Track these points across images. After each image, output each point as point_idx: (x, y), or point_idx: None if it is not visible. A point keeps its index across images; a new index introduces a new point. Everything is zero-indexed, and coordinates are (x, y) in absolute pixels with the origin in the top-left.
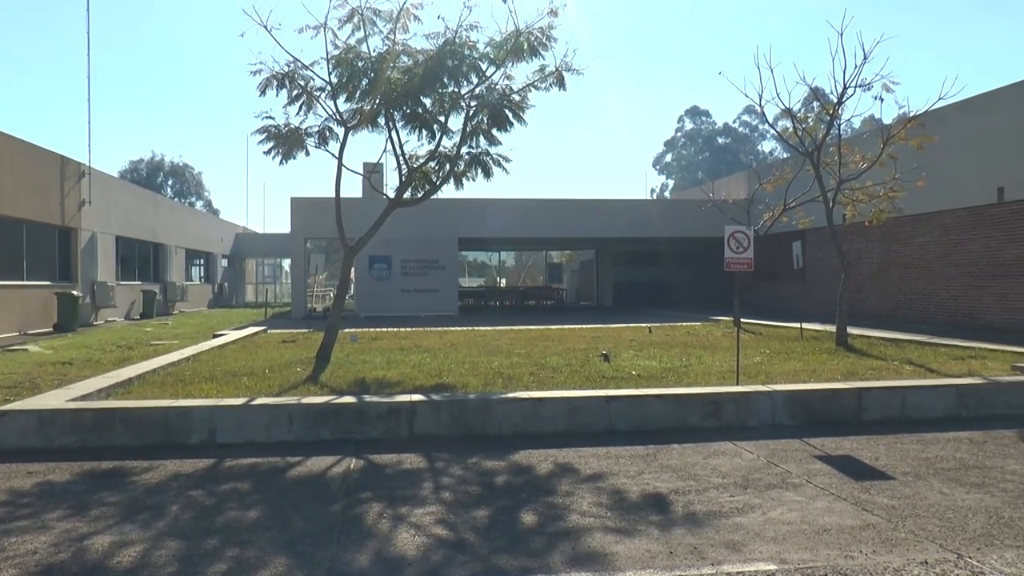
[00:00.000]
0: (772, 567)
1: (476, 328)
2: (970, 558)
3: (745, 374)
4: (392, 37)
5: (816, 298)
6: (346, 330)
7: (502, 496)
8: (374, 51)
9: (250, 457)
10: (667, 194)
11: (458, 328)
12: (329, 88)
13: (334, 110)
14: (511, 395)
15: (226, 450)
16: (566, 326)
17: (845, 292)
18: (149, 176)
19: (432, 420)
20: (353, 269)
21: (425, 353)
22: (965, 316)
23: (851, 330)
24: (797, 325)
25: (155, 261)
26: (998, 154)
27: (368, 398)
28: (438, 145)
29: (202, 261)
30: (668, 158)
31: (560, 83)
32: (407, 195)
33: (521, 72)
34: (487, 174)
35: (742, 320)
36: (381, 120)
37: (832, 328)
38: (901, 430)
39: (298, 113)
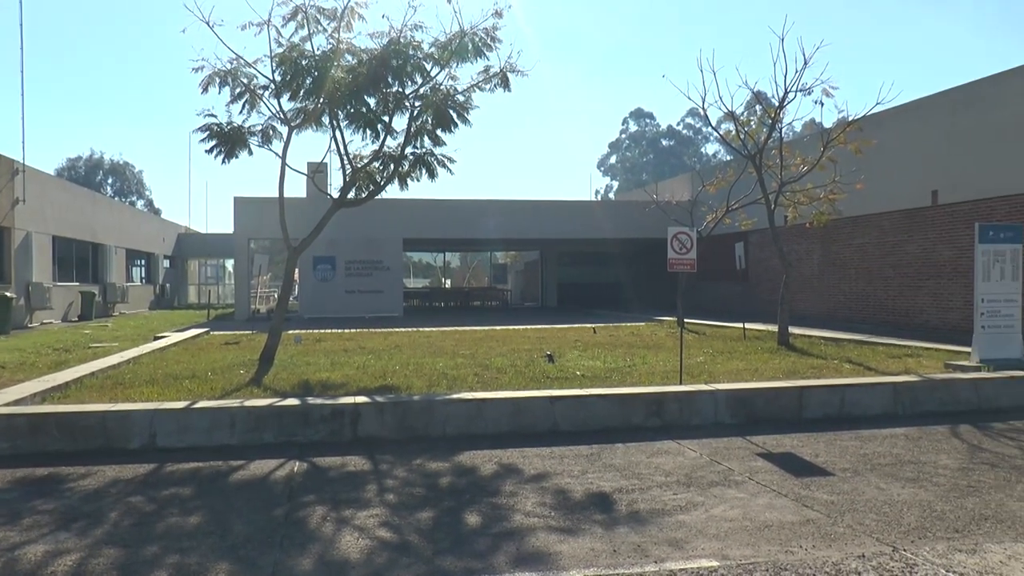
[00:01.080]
0: (714, 563)
1: (421, 329)
2: (904, 550)
3: (688, 374)
4: (336, 36)
5: (758, 298)
6: (290, 332)
7: (446, 497)
8: (318, 49)
9: (192, 461)
10: (612, 195)
11: (403, 329)
12: (273, 86)
13: (278, 109)
14: (455, 396)
15: (167, 455)
16: (511, 327)
17: (787, 292)
18: (88, 174)
19: (376, 422)
20: (297, 270)
21: (369, 355)
22: (902, 316)
23: (793, 330)
24: (740, 325)
25: (94, 262)
26: (932, 158)
27: (312, 400)
28: (382, 145)
29: (143, 262)
30: (613, 160)
31: (505, 84)
32: (351, 195)
33: (466, 73)
34: (431, 175)
35: (686, 320)
36: (325, 119)
37: (774, 328)
38: (840, 427)
39: (241, 111)
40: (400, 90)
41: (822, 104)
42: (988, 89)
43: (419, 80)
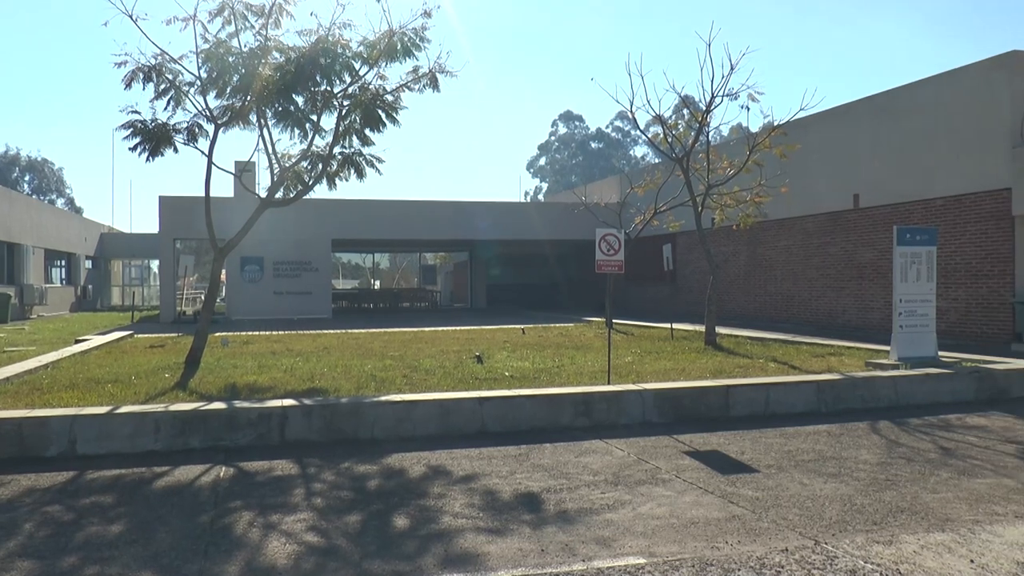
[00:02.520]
0: (641, 561)
1: (350, 331)
2: (826, 544)
3: (616, 374)
4: (264, 33)
5: (686, 299)
6: (217, 334)
7: (374, 500)
8: (246, 47)
9: (114, 468)
10: (541, 197)
11: (332, 331)
12: (199, 83)
13: (204, 106)
14: (384, 398)
15: (88, 462)
16: (440, 328)
17: (714, 293)
18: (3, 171)
19: (304, 425)
20: (224, 271)
21: (298, 357)
22: (825, 316)
23: (720, 330)
24: (668, 325)
25: (10, 262)
26: (854, 162)
27: (238, 404)
28: (311, 144)
29: (63, 262)
30: (542, 161)
31: (434, 84)
32: (279, 195)
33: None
34: (360, 175)
35: (615, 321)
36: (253, 118)
37: (702, 328)
38: (766, 425)
39: (166, 108)
40: (329, 89)
41: (748, 109)
42: (905, 97)
43: (348, 79)
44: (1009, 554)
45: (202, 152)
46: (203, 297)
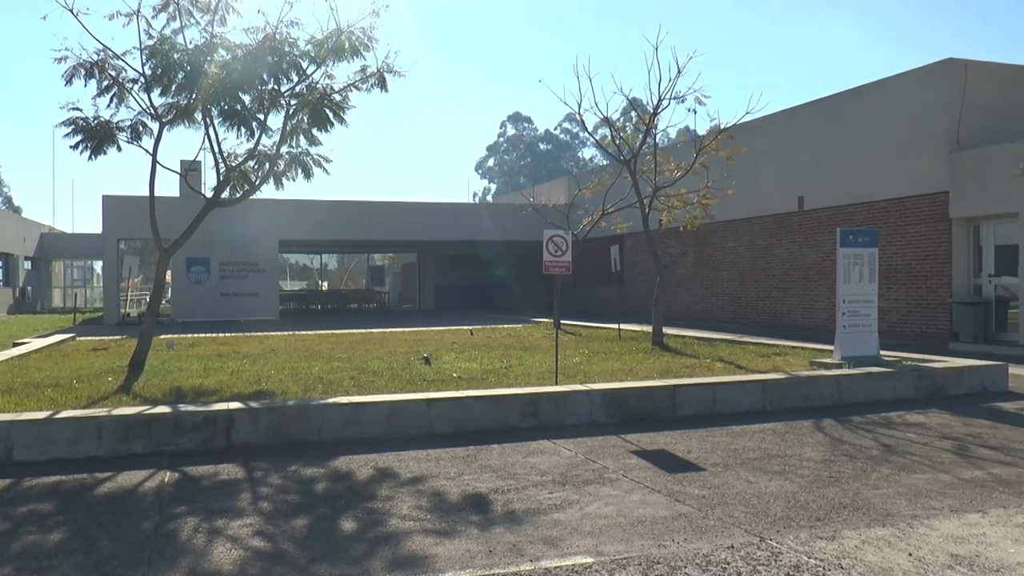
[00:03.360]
0: (589, 560)
1: (297, 332)
2: (771, 540)
3: (564, 374)
4: (210, 29)
5: (634, 300)
6: (162, 336)
7: (322, 504)
8: (191, 43)
9: (53, 475)
10: (490, 198)
11: (279, 333)
12: (143, 80)
13: (148, 103)
14: (331, 401)
15: (26, 469)
16: (388, 329)
17: (661, 294)
18: None
19: (250, 428)
20: (169, 272)
21: (244, 359)
22: (771, 316)
23: (667, 330)
24: (615, 326)
25: None
26: (799, 166)
27: (184, 407)
28: (257, 143)
29: (1, 264)
30: (491, 163)
31: (382, 84)
32: (226, 195)
33: (343, 72)
34: (307, 175)
35: (563, 322)
36: (198, 116)
37: (649, 328)
38: (712, 424)
39: (109, 105)
40: (276, 87)
41: (695, 112)
42: (847, 102)
43: (295, 78)
44: (944, 547)
45: (147, 151)
46: (148, 299)
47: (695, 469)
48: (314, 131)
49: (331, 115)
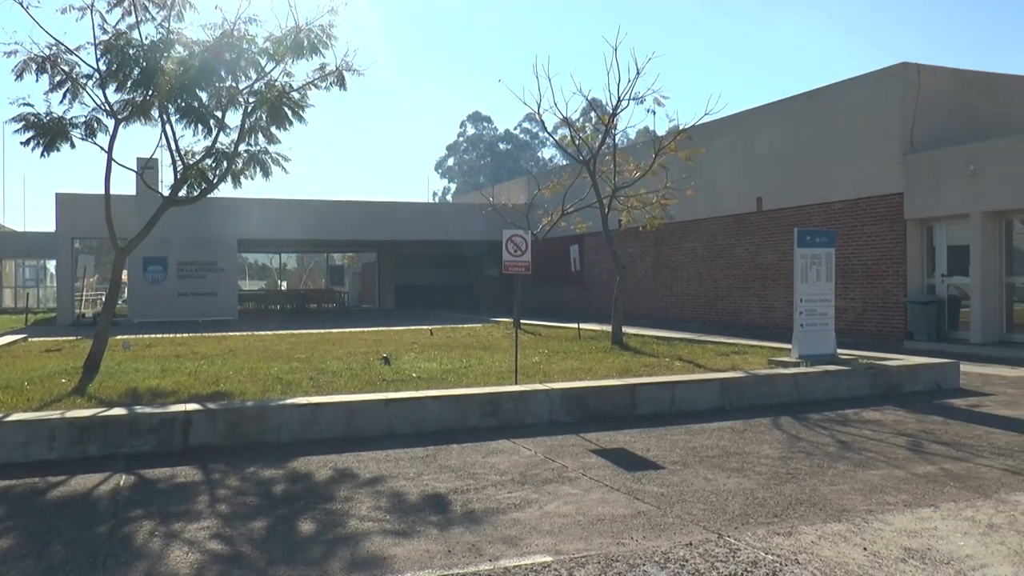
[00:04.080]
0: (548, 559)
1: (256, 333)
2: (729, 537)
3: (524, 373)
4: (166, 25)
5: (594, 299)
6: (118, 337)
7: (280, 505)
8: (147, 39)
9: (4, 480)
10: (449, 198)
11: (237, 333)
12: (97, 76)
13: (103, 100)
14: (290, 401)
15: None
16: (347, 329)
17: (620, 293)
18: None
19: (208, 430)
20: (126, 271)
21: (202, 360)
22: (730, 315)
23: (626, 329)
24: (575, 325)
25: None
26: (757, 167)
27: (140, 409)
28: (215, 141)
29: None
30: (451, 162)
31: (341, 83)
32: (183, 193)
33: (301, 69)
34: (266, 173)
35: (523, 321)
36: (155, 113)
37: (608, 328)
38: (671, 422)
39: (62, 101)
40: (234, 85)
41: (654, 113)
42: (804, 104)
43: (253, 75)
44: (898, 541)
45: (101, 148)
46: (103, 299)
47: (654, 467)
48: (273, 129)
49: (290, 113)
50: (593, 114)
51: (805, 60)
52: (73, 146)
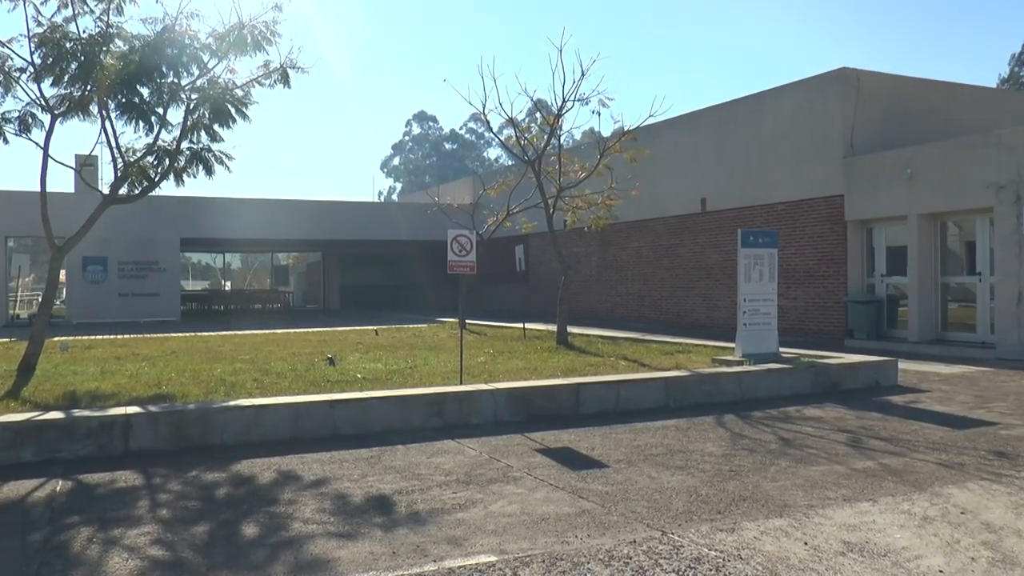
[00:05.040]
0: (492, 558)
1: (199, 334)
2: (672, 534)
3: (469, 374)
4: (105, 19)
5: (539, 299)
6: (55, 338)
7: (223, 509)
8: (84, 32)
9: None
10: (395, 197)
11: (180, 334)
12: (32, 70)
13: (38, 94)
14: (233, 403)
15: None
16: (292, 330)
17: (565, 293)
18: None
19: (149, 433)
20: (64, 271)
21: (144, 362)
22: (675, 314)
23: (572, 329)
24: (521, 325)
25: None
26: (702, 168)
27: (78, 413)
28: (157, 138)
29: None
30: (396, 161)
31: (285, 80)
32: (124, 191)
33: (245, 66)
34: (209, 171)
35: (468, 321)
36: (94, 109)
37: (554, 327)
38: (616, 421)
39: None
40: (176, 81)
41: (599, 114)
42: (748, 107)
43: (196, 71)
44: (838, 535)
45: (37, 144)
46: (40, 299)
47: (599, 466)
48: (216, 127)
49: (233, 110)
50: (538, 115)
51: (751, 63)
52: (7, 142)
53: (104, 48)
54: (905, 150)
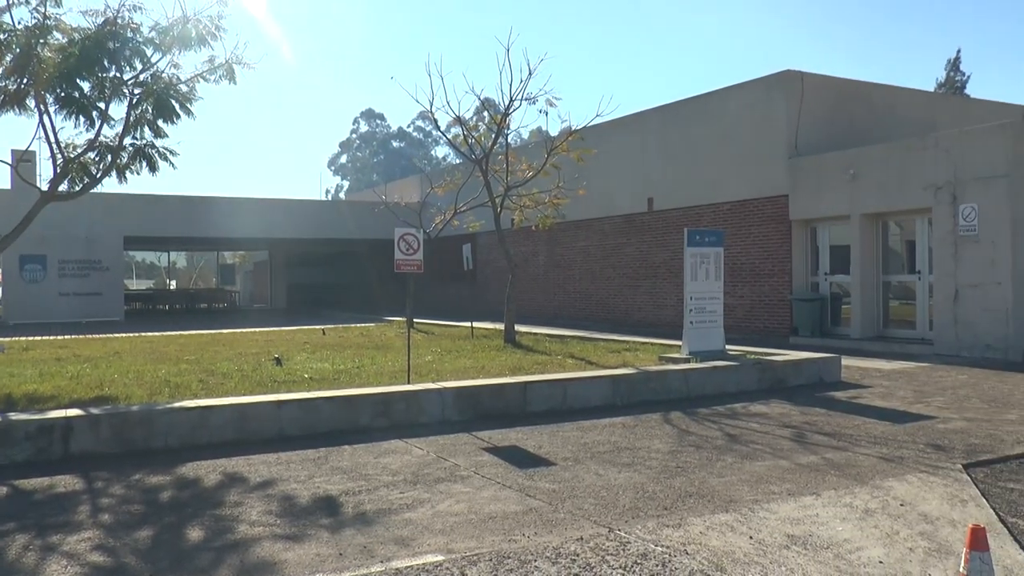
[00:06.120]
0: (440, 558)
1: (144, 334)
2: (619, 530)
3: (416, 373)
4: (42, 10)
5: (487, 298)
6: None
7: (167, 513)
8: (20, 23)
9: None
10: (343, 195)
11: (124, 335)
12: None
13: None
14: (178, 405)
15: None
16: (239, 330)
17: (513, 292)
18: None
19: (91, 436)
20: (0, 270)
21: (85, 363)
22: (622, 313)
23: (520, 328)
24: (469, 324)
25: None
26: (649, 168)
27: (15, 416)
28: (98, 134)
29: None
30: (343, 159)
31: (231, 76)
32: (63, 188)
33: (190, 61)
34: (152, 168)
35: (416, 320)
36: (31, 102)
37: (502, 326)
38: (563, 419)
39: None
40: (118, 75)
41: (546, 113)
42: (694, 108)
43: (139, 66)
44: (782, 528)
45: None
46: None
47: (546, 464)
48: (160, 122)
49: (177, 106)
50: (486, 113)
51: (698, 65)
52: None
53: (41, 40)
54: (848, 151)
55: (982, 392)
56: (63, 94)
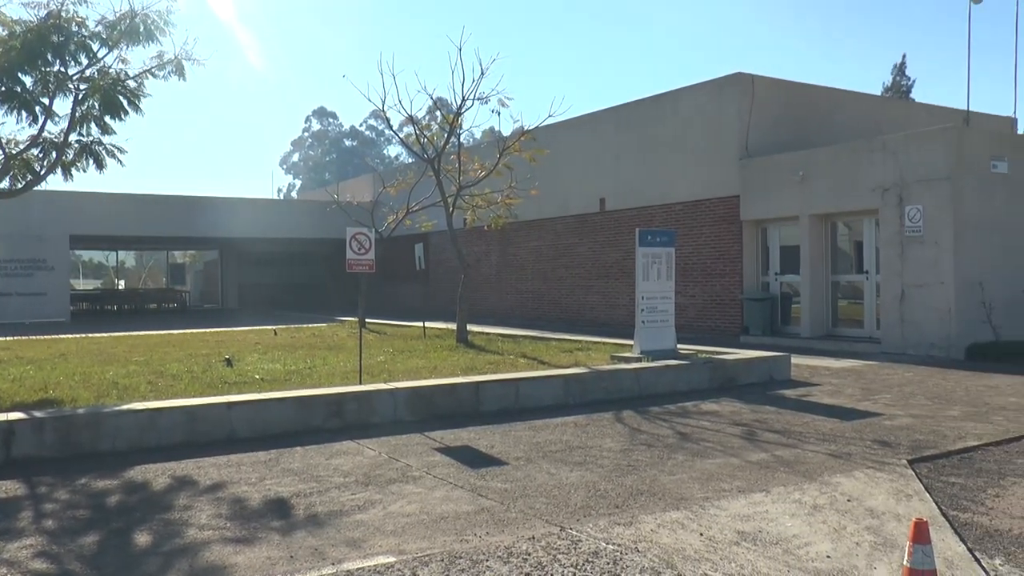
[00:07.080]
0: (391, 559)
1: (91, 335)
2: (571, 529)
3: (368, 373)
4: None
5: (440, 298)
6: None
7: (114, 518)
8: None
9: None
10: (294, 194)
11: (70, 336)
12: None
13: None
14: (126, 407)
15: None
16: (189, 330)
17: (465, 292)
18: None
19: (34, 440)
20: None
21: (29, 365)
22: (574, 313)
23: (472, 328)
24: (421, 324)
25: None
26: (601, 168)
27: None
28: (42, 130)
29: None
30: (295, 158)
31: (180, 72)
32: (5, 185)
33: (138, 57)
34: (100, 165)
35: (369, 320)
36: None
37: (454, 326)
38: (516, 419)
39: None
40: (63, 70)
41: (499, 113)
42: (647, 109)
43: (84, 60)
44: (732, 525)
45: None
46: None
47: (498, 464)
48: (107, 119)
49: (125, 103)
50: (438, 113)
51: (650, 66)
52: None
53: None
54: (797, 153)
55: (927, 389)
56: (4, 88)
